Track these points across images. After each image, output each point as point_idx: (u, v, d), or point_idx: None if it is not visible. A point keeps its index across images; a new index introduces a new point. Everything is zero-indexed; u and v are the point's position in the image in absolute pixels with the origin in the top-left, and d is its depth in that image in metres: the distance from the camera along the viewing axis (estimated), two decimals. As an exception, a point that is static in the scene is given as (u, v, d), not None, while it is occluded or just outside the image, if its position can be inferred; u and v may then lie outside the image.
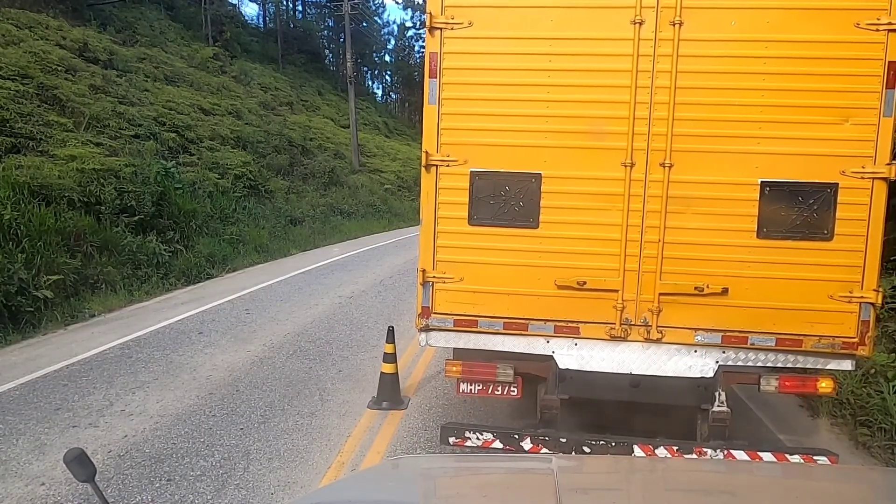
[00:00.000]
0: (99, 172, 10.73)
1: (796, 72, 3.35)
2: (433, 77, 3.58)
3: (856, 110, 3.33)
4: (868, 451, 4.81)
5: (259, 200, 16.85)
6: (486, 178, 3.63)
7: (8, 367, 6.25)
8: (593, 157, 3.54)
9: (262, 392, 5.65)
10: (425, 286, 3.76)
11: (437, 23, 3.53)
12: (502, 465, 2.08)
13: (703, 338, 3.60)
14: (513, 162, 3.61)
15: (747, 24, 3.35)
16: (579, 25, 3.48)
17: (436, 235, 3.72)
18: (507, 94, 3.57)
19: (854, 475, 2.21)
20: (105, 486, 3.91)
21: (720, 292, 3.51)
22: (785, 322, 3.52)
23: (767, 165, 3.42)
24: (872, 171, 3.34)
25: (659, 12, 3.38)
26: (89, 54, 15.98)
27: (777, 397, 5.92)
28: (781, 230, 3.45)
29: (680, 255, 3.54)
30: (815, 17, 3.31)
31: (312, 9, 51.15)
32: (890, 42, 3.24)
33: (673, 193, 3.49)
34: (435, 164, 3.66)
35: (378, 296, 10.12)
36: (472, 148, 3.64)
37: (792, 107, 3.38)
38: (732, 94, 3.41)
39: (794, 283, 3.48)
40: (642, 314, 3.61)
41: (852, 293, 3.45)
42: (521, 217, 3.62)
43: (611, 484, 1.72)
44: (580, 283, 3.60)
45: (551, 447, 3.69)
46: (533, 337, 3.73)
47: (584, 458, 2.28)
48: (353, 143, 28.04)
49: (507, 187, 3.62)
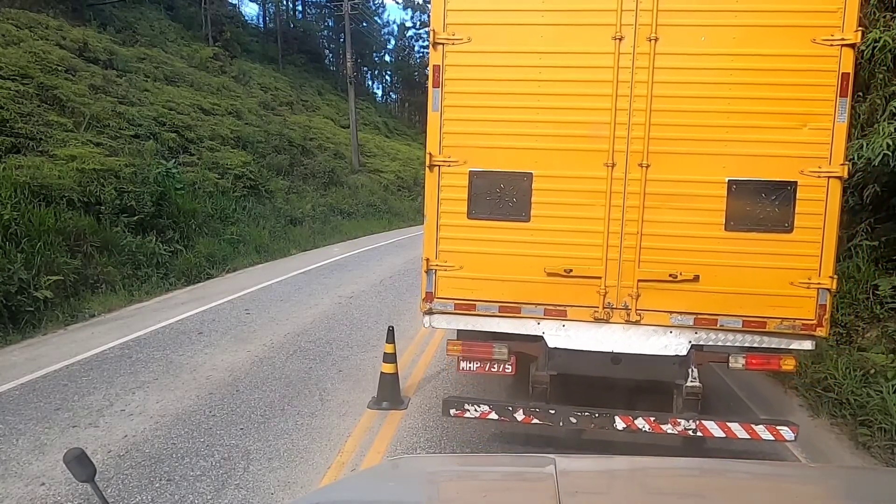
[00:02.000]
0: (99, 172, 10.74)
1: (759, 82, 3.73)
2: (436, 86, 3.97)
3: (813, 116, 3.70)
4: (868, 451, 4.80)
5: (259, 200, 16.85)
6: (483, 177, 4.01)
7: (8, 367, 6.25)
8: (579, 158, 3.94)
9: (262, 392, 5.65)
10: (429, 273, 4.14)
11: (440, 38, 3.94)
12: (502, 465, 2.08)
13: (678, 320, 3.96)
14: (507, 162, 3.99)
15: (716, 40, 3.73)
16: (566, 41, 3.87)
17: (438, 228, 4.10)
18: (502, 102, 3.96)
19: (854, 475, 2.21)
20: (105, 486, 3.91)
21: (692, 279, 3.89)
22: (750, 306, 3.89)
23: (734, 165, 3.79)
24: (828, 170, 3.71)
25: (637, 29, 3.77)
26: (89, 54, 15.98)
27: (779, 398, 5.95)
28: (747, 223, 3.82)
29: (656, 246, 3.92)
30: (776, 34, 3.70)
31: (312, 9, 51.16)
32: (842, 56, 3.62)
33: (650, 190, 3.88)
34: (438, 165, 4.04)
35: (378, 296, 10.12)
36: (470, 150, 4.01)
37: (756, 113, 3.75)
38: (703, 102, 3.78)
39: (758, 270, 3.85)
40: (623, 299, 4.00)
41: (810, 280, 3.83)
42: (514, 211, 4.00)
43: (611, 484, 1.72)
44: (567, 270, 3.99)
45: (541, 418, 4.10)
46: (525, 319, 4.11)
47: (585, 458, 2.30)
48: (353, 143, 28.04)
49: (502, 185, 4.01)
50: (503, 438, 4.86)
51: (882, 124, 6.17)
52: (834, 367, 5.69)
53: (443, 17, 3.93)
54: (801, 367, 5.75)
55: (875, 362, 5.55)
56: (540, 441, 4.82)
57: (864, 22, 7.06)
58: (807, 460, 4.63)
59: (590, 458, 2.31)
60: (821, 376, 5.72)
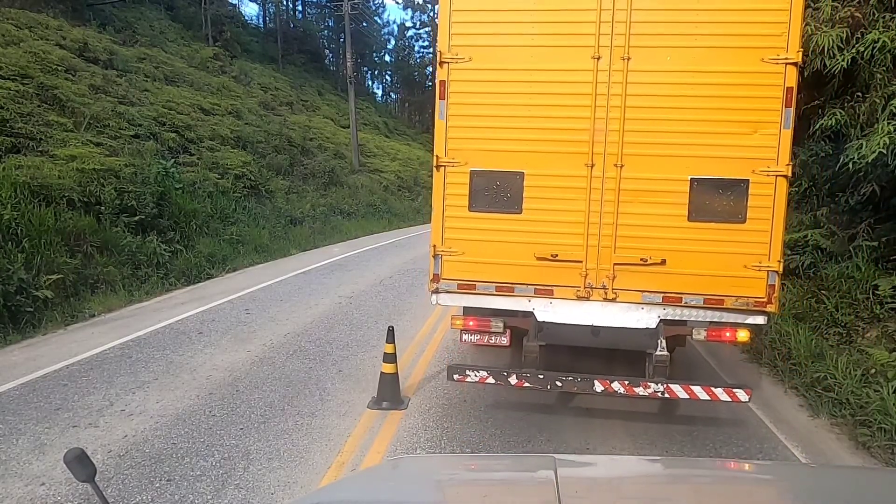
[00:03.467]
0: (99, 172, 10.73)
1: (717, 94, 4.32)
2: (442, 98, 4.61)
3: (762, 124, 4.28)
4: (868, 451, 4.81)
5: (259, 200, 16.84)
6: (482, 176, 4.63)
7: (8, 366, 6.25)
8: (563, 160, 4.54)
9: (262, 392, 5.65)
10: (436, 258, 4.76)
11: (445, 58, 4.56)
12: (503, 465, 2.08)
13: (648, 298, 4.57)
14: (502, 163, 4.60)
15: (679, 59, 4.34)
16: (552, 60, 4.49)
17: (444, 219, 4.72)
18: (498, 112, 4.58)
19: (854, 475, 2.20)
20: (105, 486, 3.92)
21: (660, 262, 4.49)
22: (710, 286, 4.47)
23: (695, 165, 4.38)
24: (775, 169, 4.29)
25: (612, 50, 4.39)
26: (89, 54, 15.98)
27: (781, 399, 5.95)
28: (706, 215, 4.41)
29: (629, 234, 4.52)
30: (730, 54, 4.28)
31: (312, 9, 51.18)
32: (787, 72, 4.20)
33: (623, 187, 4.47)
34: (444, 165, 4.66)
35: (378, 296, 10.12)
36: (471, 152, 4.62)
37: (714, 121, 4.33)
38: (669, 111, 4.38)
39: (716, 255, 4.44)
40: (601, 279, 4.60)
41: (761, 263, 4.39)
42: (508, 205, 4.61)
43: (612, 484, 1.72)
44: (553, 255, 4.59)
45: (532, 382, 4.73)
46: (518, 297, 4.73)
47: (585, 457, 2.33)
48: (353, 143, 28.04)
49: (498, 182, 4.63)
50: (503, 438, 4.86)
51: (882, 124, 6.18)
52: (834, 366, 5.70)
53: (448, 40, 4.54)
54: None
55: (875, 362, 5.55)
56: (540, 441, 4.82)
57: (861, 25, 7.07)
58: (807, 460, 4.64)
59: (590, 459, 2.32)
60: (821, 376, 5.73)
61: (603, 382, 4.62)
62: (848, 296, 6.78)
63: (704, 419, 5.31)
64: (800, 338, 6.39)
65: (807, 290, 7.44)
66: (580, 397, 5.55)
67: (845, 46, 7.09)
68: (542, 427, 5.09)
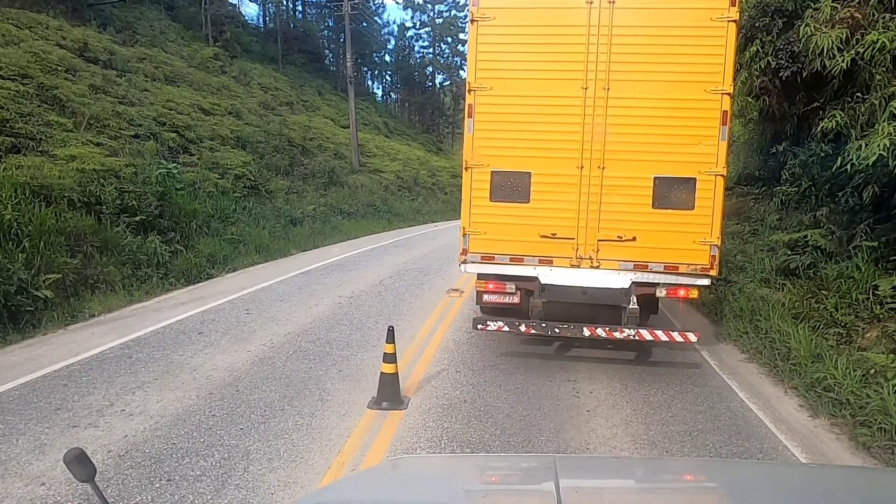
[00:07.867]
0: (99, 172, 10.72)
1: (672, 115, 5.81)
2: (470, 118, 6.14)
3: (706, 137, 5.78)
4: (868, 452, 4.81)
5: (259, 200, 16.83)
6: (500, 175, 6.16)
7: (8, 366, 6.25)
8: (560, 163, 6.05)
9: (262, 392, 5.65)
10: (465, 237, 6.28)
11: (473, 87, 6.11)
12: (503, 465, 2.08)
13: (623, 265, 6.07)
14: (515, 165, 6.14)
15: (645, 89, 5.84)
16: (552, 89, 6.01)
17: (471, 207, 6.25)
18: (511, 127, 6.12)
19: (854, 475, 2.20)
20: (105, 486, 3.92)
21: (632, 239, 6.00)
22: (669, 256, 5.96)
23: (658, 167, 5.88)
24: (715, 171, 5.80)
25: (596, 83, 5.89)
26: (89, 54, 15.98)
27: (781, 399, 5.96)
28: (665, 204, 5.90)
29: (609, 218, 6.01)
30: (682, 86, 5.78)
31: (312, 9, 51.18)
32: (723, 100, 5.70)
33: (605, 183, 5.99)
34: (471, 167, 6.20)
35: (378, 296, 10.12)
36: (491, 157, 6.15)
37: (671, 135, 5.83)
38: (638, 128, 5.89)
39: (673, 234, 5.92)
40: (588, 252, 6.10)
41: (706, 239, 5.89)
42: (519, 197, 6.13)
43: (611, 483, 1.72)
44: (553, 234, 6.12)
45: (536, 328, 6.18)
46: (526, 266, 6.24)
47: (585, 457, 2.33)
48: (353, 143, 28.03)
49: (512, 180, 6.14)
50: (503, 438, 4.86)
51: (882, 125, 6.18)
52: (834, 367, 5.70)
53: (475, 74, 6.09)
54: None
55: (875, 362, 5.55)
56: (540, 441, 4.82)
57: (861, 25, 7.06)
58: (807, 460, 4.64)
59: (590, 458, 2.32)
60: (821, 376, 5.73)
61: (590, 328, 6.08)
62: (848, 296, 6.78)
63: (705, 419, 5.32)
64: (799, 338, 6.39)
65: (806, 290, 7.44)
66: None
67: (845, 47, 7.10)
68: (542, 427, 5.09)
